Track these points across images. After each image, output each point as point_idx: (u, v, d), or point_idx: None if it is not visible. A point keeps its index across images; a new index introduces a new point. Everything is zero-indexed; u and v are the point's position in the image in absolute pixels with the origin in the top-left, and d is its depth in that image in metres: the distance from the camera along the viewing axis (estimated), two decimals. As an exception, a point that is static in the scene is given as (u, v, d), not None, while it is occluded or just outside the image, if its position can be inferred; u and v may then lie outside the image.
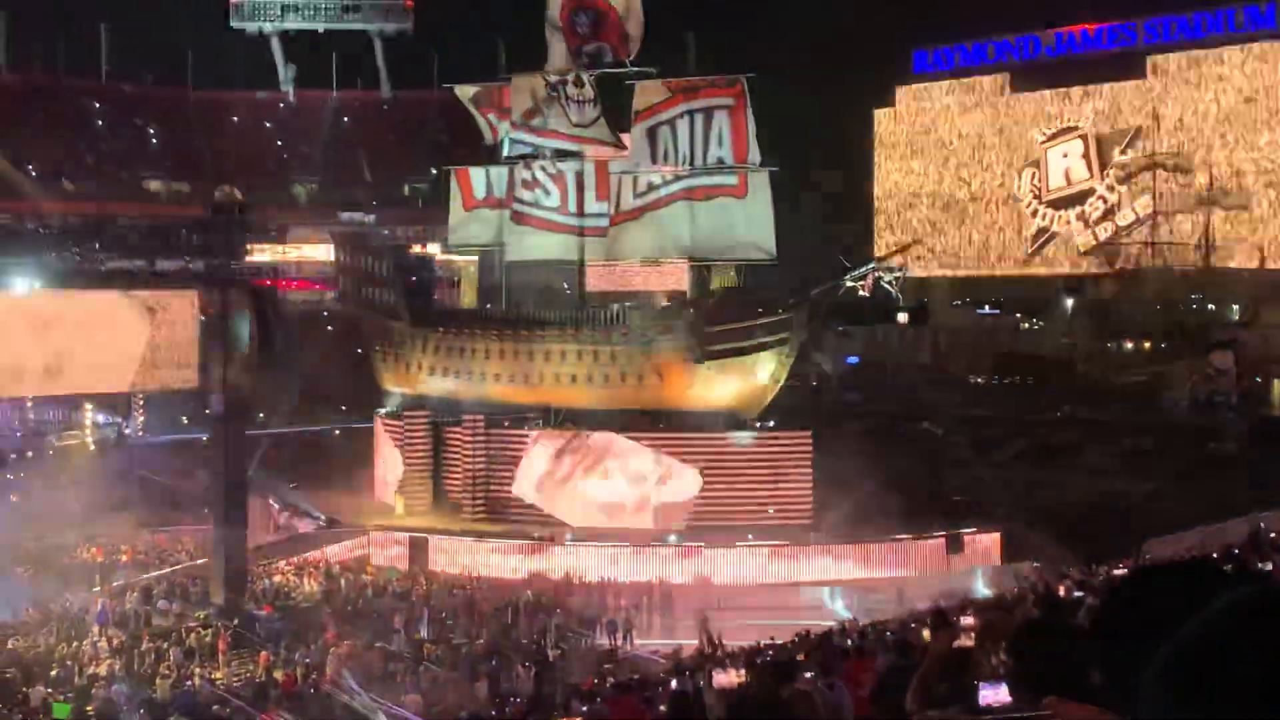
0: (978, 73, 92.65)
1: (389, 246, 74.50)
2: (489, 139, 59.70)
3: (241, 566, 40.99)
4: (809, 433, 52.10)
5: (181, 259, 74.30)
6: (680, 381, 52.19)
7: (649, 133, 54.63)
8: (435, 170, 79.87)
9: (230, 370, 39.90)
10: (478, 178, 59.19)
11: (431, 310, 60.41)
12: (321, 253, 78.96)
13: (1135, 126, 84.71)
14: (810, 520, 49.81)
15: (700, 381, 52.01)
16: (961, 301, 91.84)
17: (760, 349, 51.67)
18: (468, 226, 60.02)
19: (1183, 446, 57.28)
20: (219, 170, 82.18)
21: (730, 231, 54.18)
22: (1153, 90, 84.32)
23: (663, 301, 56.62)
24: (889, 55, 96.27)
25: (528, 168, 57.09)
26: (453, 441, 54.90)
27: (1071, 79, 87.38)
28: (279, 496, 54.85)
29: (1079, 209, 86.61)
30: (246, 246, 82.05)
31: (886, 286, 51.67)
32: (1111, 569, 27.57)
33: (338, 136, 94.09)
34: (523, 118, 56.72)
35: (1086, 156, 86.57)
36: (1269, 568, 15.66)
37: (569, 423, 53.21)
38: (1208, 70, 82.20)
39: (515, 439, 53.99)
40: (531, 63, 57.24)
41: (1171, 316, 78.52)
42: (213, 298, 40.24)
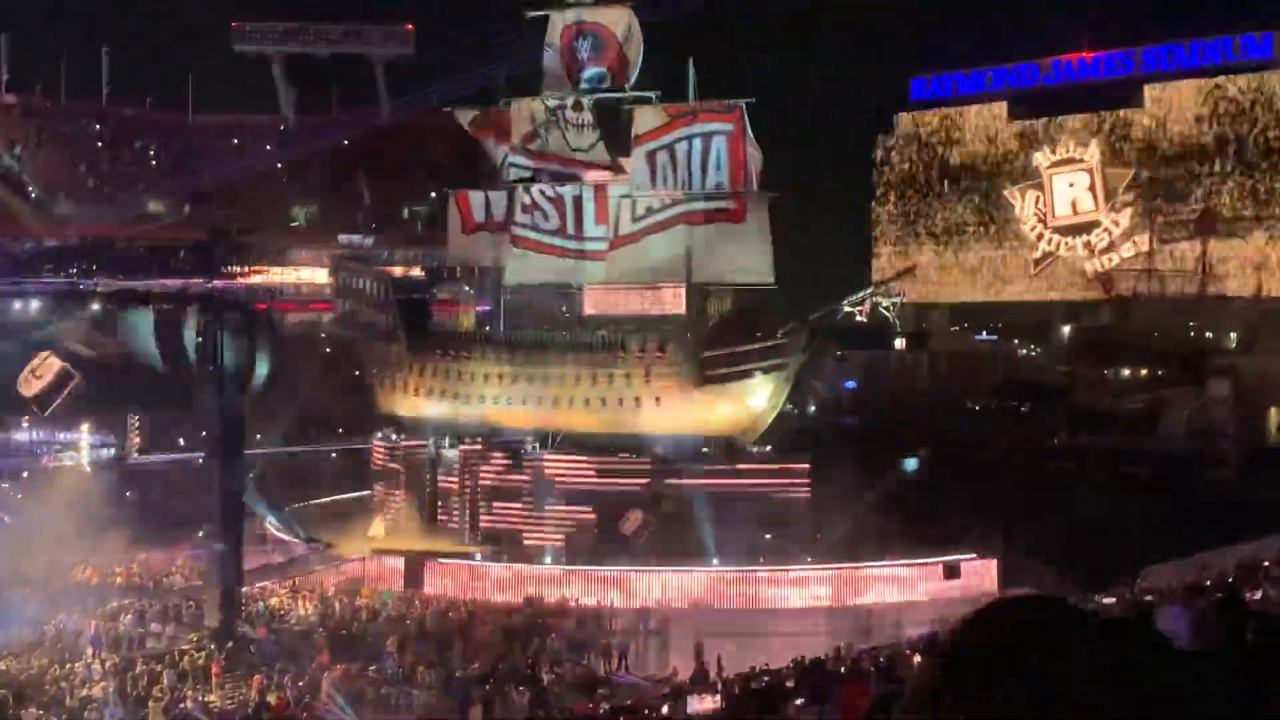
0: (976, 100, 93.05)
1: (387, 269, 74.56)
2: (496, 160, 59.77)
3: (236, 589, 40.87)
4: (806, 458, 52.04)
5: (179, 280, 74.35)
6: (678, 406, 52.17)
7: (648, 157, 54.75)
8: (434, 193, 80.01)
9: (226, 392, 39.84)
10: (477, 201, 59.24)
11: (429, 333, 60.42)
12: (320, 275, 79.07)
13: (1137, 156, 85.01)
14: (807, 545, 49.67)
15: (698, 406, 51.99)
16: (960, 327, 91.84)
17: (758, 373, 51.69)
18: (467, 249, 60.07)
19: (1180, 474, 57.24)
20: (219, 193, 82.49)
21: (728, 256, 54.21)
22: (1151, 118, 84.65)
23: (661, 326, 56.61)
24: (889, 82, 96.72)
25: (527, 191, 57.17)
26: (450, 465, 54.92)
27: (1070, 107, 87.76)
28: (275, 519, 54.74)
29: (1085, 238, 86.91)
30: (245, 268, 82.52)
31: (884, 312, 51.75)
32: (1108, 596, 27.53)
33: (337, 159, 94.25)
34: (522, 141, 56.84)
35: (1093, 189, 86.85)
36: (1258, 596, 15.64)
37: (566, 445, 53.20)
38: (1205, 98, 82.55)
39: (511, 462, 53.90)
40: (531, 87, 57.42)
41: (1169, 344, 78.59)
42: (209, 320, 40.12)
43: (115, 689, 33.44)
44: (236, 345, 40.18)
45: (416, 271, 79.63)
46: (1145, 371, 78.24)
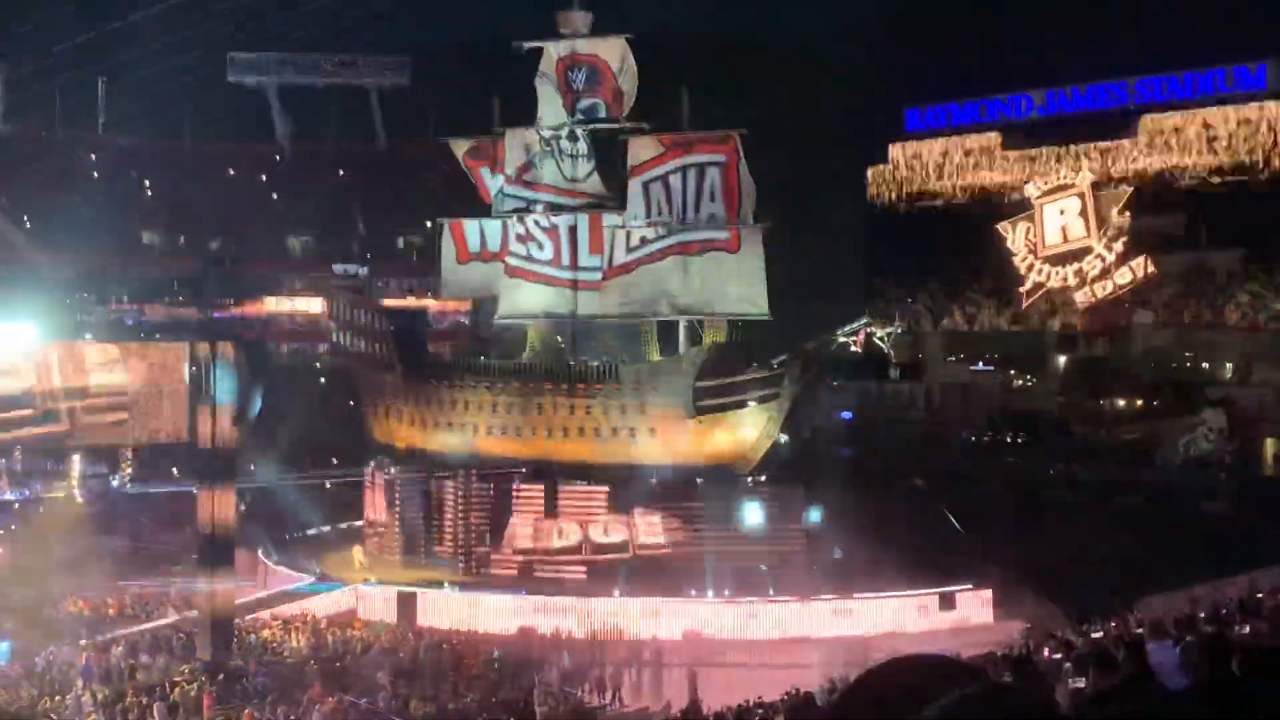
0: (970, 131, 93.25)
1: (381, 299, 74.62)
2: (484, 197, 59.88)
3: (228, 621, 40.65)
4: (800, 488, 51.99)
5: (173, 310, 74.36)
6: (672, 436, 52.10)
7: (643, 187, 54.84)
8: (430, 223, 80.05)
9: (219, 422, 39.71)
10: (471, 230, 59.31)
11: (423, 362, 60.30)
12: (315, 305, 79.02)
13: (1130, 185, 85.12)
14: (802, 575, 49.51)
15: (692, 436, 51.92)
16: (955, 357, 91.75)
17: (753, 404, 51.67)
18: (461, 279, 60.07)
19: (1175, 505, 57.14)
20: (214, 223, 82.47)
21: (722, 286, 54.24)
22: (1145, 149, 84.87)
23: (655, 356, 56.61)
24: (882, 113, 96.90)
25: (521, 221, 57.23)
26: (442, 494, 54.72)
27: (1064, 137, 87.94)
28: (267, 550, 54.52)
29: (1076, 266, 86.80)
30: (238, 299, 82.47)
31: (879, 342, 51.76)
32: (1103, 628, 27.38)
33: (332, 189, 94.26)
34: (517, 171, 56.98)
35: (1084, 215, 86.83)
36: (1248, 630, 15.52)
37: (560, 476, 53.08)
38: (1198, 129, 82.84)
39: (505, 492, 53.74)
40: (526, 117, 57.51)
41: (1164, 374, 78.55)
42: (202, 350, 40.03)
43: (105, 721, 33.22)
44: (229, 375, 40.08)
45: (411, 300, 79.59)
46: (1140, 402, 78.22)
